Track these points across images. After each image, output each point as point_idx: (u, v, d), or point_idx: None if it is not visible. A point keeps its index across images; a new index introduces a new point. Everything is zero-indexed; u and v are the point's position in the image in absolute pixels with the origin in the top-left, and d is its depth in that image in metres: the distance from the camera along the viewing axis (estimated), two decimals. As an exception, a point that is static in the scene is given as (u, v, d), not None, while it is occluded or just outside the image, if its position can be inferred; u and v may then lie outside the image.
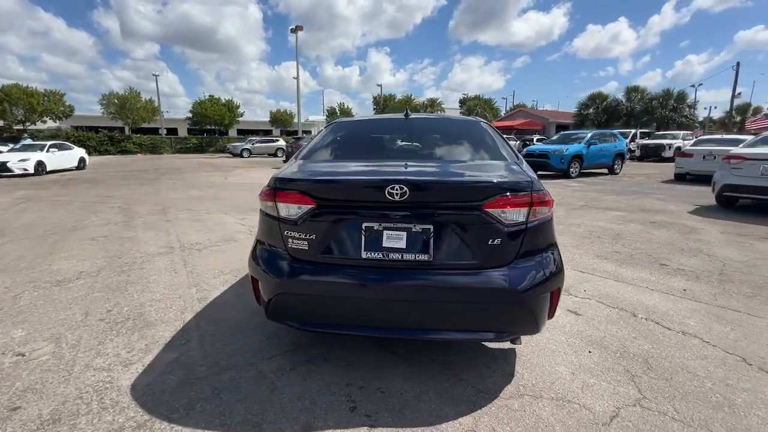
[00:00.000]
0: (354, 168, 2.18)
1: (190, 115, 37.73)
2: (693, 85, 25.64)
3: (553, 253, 1.91)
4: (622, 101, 26.54)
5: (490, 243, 1.77)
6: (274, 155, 28.32)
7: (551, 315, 1.92)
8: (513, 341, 1.99)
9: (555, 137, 15.27)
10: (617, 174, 13.61)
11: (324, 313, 1.93)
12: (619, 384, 2.01)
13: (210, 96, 37.97)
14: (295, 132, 36.39)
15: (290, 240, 1.92)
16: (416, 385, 1.99)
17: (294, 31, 30.10)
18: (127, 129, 34.91)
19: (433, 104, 39.65)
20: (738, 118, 27.88)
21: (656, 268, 3.81)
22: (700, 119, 26.84)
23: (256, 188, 9.05)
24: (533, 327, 1.83)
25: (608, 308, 2.92)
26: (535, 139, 23.40)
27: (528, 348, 2.34)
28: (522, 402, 1.87)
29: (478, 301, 1.76)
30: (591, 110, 27.33)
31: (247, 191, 9.75)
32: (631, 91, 27.08)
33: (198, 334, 2.52)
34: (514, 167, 2.14)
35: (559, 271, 1.89)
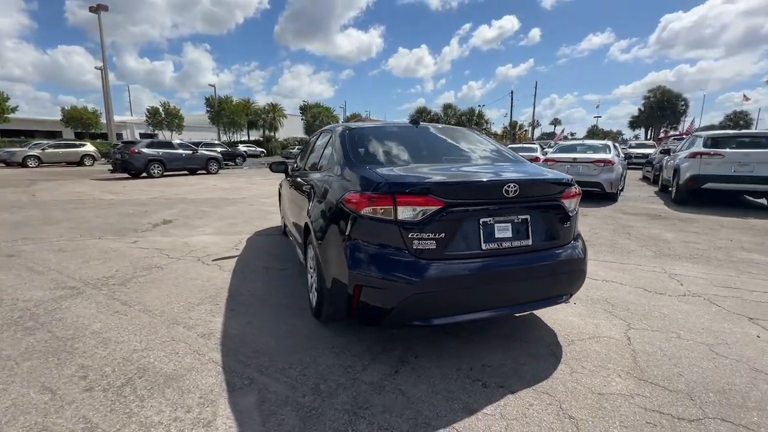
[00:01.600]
0: (462, 171, 2.41)
1: None
2: (480, 105, 33.96)
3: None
4: (441, 115, 32.91)
5: (564, 226, 2.27)
6: (79, 164, 22.22)
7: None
8: (567, 300, 2.54)
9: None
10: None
11: (450, 304, 2.05)
12: (609, 319, 2.83)
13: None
14: (104, 135, 29.54)
15: (415, 241, 1.96)
16: (504, 353, 2.32)
17: (95, 10, 24.45)
18: None
19: (274, 109, 38.59)
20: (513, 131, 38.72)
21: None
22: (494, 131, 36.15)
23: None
24: (581, 286, 2.43)
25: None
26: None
27: (539, 313, 2.96)
28: (577, 344, 2.45)
29: (565, 271, 2.24)
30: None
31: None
32: (447, 107, 33.77)
33: (257, 372, 2.16)
34: (543, 166, 2.72)
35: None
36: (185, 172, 16.33)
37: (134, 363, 2.22)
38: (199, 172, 16.65)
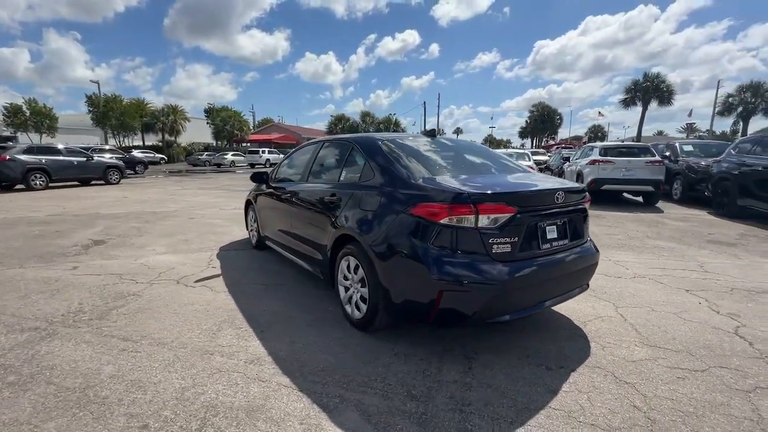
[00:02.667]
0: (522, 181, 2.67)
1: None
2: (392, 114, 35.97)
3: None
4: (360, 123, 33.54)
5: (584, 226, 2.70)
6: None
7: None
8: (587, 287, 2.93)
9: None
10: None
11: (521, 301, 2.28)
12: (598, 302, 3.39)
13: None
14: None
15: (494, 246, 2.15)
16: (543, 340, 2.65)
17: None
18: None
19: (175, 111, 34.71)
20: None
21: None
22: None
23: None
24: (593, 275, 2.90)
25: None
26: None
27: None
28: (590, 325, 2.91)
29: (589, 263, 2.65)
30: (339, 128, 32.66)
31: None
32: (365, 115, 34.48)
33: (341, 389, 2.10)
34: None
35: None
36: (76, 182, 13.83)
37: (194, 402, 1.98)
38: (94, 182, 14.25)
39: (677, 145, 11.26)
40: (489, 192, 2.23)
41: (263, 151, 30.71)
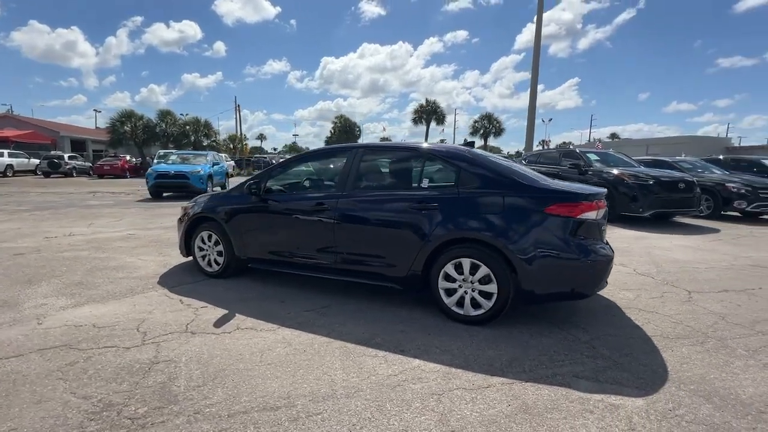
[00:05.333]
0: (587, 185, 3.38)
1: None
2: (199, 117, 31.52)
3: None
4: (157, 122, 27.40)
5: None
6: None
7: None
8: None
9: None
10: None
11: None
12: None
13: None
14: None
15: (602, 232, 2.85)
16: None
17: None
18: None
19: None
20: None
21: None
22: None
23: None
24: None
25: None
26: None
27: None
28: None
29: None
30: (128, 128, 25.78)
31: None
32: (166, 114, 28.43)
33: (553, 372, 2.31)
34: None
35: None
36: None
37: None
38: None
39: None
40: (596, 193, 2.93)
41: (1, 154, 21.29)
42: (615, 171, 8.40)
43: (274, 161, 39.56)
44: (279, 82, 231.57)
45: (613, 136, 64.59)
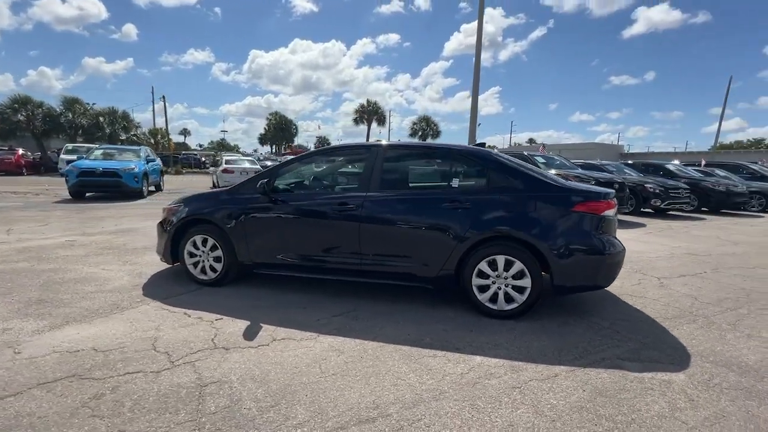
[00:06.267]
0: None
1: None
2: (116, 107, 27.59)
3: None
4: (64, 111, 23.24)
5: None
6: None
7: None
8: None
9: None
10: (163, 190, 13.91)
11: None
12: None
13: None
14: None
15: (615, 228, 3.16)
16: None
17: None
18: None
19: None
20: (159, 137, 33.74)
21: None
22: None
23: None
24: None
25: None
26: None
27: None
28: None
29: None
30: (22, 117, 21.57)
31: None
32: (73, 102, 24.13)
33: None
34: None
35: None
36: None
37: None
38: None
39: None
40: (610, 192, 3.21)
41: None
42: (561, 172, 9.30)
43: (204, 159, 36.50)
44: (202, 74, 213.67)
45: (531, 141, 71.37)
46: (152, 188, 12.86)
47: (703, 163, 14.18)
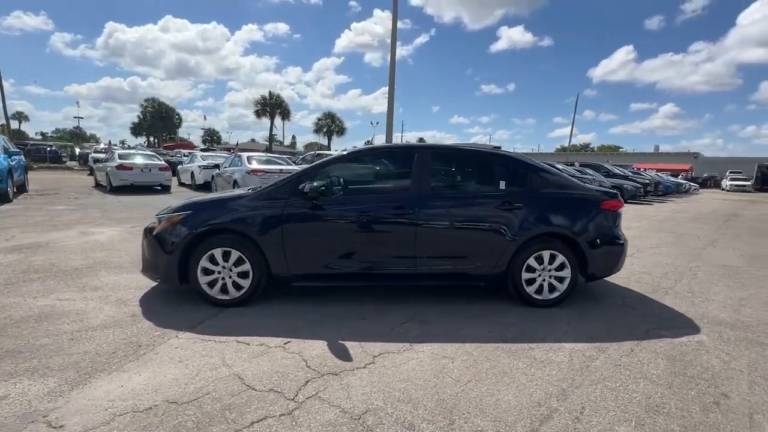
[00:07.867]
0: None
1: None
2: None
3: None
4: None
5: None
6: None
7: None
8: None
9: None
10: (29, 191, 10.93)
11: None
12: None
13: None
14: None
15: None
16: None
17: None
18: None
19: None
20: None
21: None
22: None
23: None
24: None
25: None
26: None
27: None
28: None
29: None
30: None
31: None
32: None
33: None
34: None
35: None
36: None
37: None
38: None
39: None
40: (618, 192, 3.80)
41: None
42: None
43: (54, 148, 29.57)
44: (35, 44, 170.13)
45: (420, 140, 77.11)
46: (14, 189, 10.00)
47: (578, 164, 17.43)
